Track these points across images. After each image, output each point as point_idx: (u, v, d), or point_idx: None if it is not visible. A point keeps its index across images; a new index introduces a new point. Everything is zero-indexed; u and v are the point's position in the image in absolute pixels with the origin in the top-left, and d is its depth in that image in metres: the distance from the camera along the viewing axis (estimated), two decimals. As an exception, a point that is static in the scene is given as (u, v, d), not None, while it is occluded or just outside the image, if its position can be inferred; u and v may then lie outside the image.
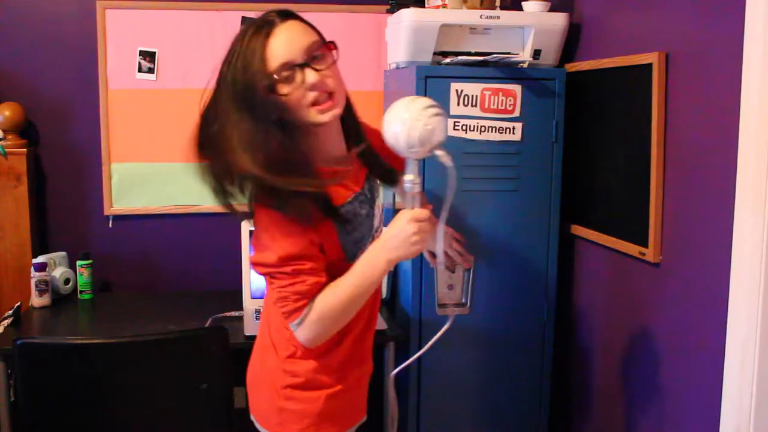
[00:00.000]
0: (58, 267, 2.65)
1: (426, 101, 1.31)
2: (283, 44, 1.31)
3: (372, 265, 1.36)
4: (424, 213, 1.33)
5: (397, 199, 1.39)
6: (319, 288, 1.37)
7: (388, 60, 2.74)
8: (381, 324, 2.34)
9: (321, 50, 1.35)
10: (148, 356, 1.93)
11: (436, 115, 1.30)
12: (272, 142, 1.29)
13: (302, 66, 1.31)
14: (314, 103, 1.33)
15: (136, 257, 2.86)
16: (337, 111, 1.37)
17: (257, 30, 1.32)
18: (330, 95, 1.35)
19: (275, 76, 1.29)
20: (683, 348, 1.91)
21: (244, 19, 2.77)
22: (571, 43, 2.47)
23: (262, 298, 2.53)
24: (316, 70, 1.32)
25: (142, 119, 2.79)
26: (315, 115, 1.34)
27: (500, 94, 2.33)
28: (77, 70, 2.75)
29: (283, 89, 1.30)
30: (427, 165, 2.08)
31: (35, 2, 2.71)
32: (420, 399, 2.42)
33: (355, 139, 1.51)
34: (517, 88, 2.34)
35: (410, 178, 1.34)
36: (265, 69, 1.29)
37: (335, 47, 1.39)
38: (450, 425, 2.46)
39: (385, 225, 1.44)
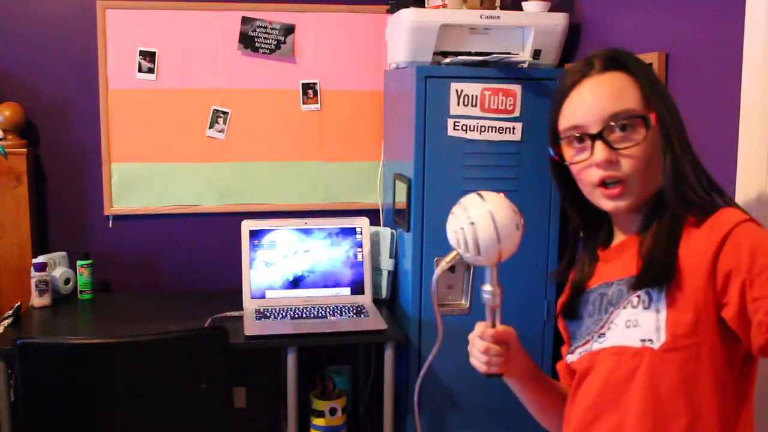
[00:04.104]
0: (58, 267, 2.65)
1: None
2: (581, 103, 1.11)
3: None
4: (488, 333, 1.21)
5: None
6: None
7: (388, 60, 2.74)
8: (381, 324, 2.34)
9: (633, 121, 1.08)
10: (148, 356, 1.93)
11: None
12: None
13: (594, 137, 1.09)
14: (600, 184, 1.11)
15: (136, 257, 2.86)
16: (626, 204, 1.11)
17: (574, 72, 1.14)
18: (621, 182, 1.09)
19: (560, 136, 1.15)
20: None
21: (244, 19, 2.77)
22: (571, 43, 2.47)
23: (262, 297, 2.54)
24: (611, 147, 1.08)
25: (142, 119, 2.78)
26: (598, 197, 1.13)
27: (500, 94, 2.33)
28: (77, 70, 2.75)
29: (567, 153, 1.14)
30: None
31: (35, 2, 2.70)
32: (420, 399, 2.42)
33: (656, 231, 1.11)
34: (517, 88, 2.34)
35: (487, 288, 1.19)
36: (557, 123, 1.15)
37: (658, 120, 1.09)
38: (450, 425, 2.46)
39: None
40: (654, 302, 1.06)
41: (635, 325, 1.08)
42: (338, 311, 2.44)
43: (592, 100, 1.10)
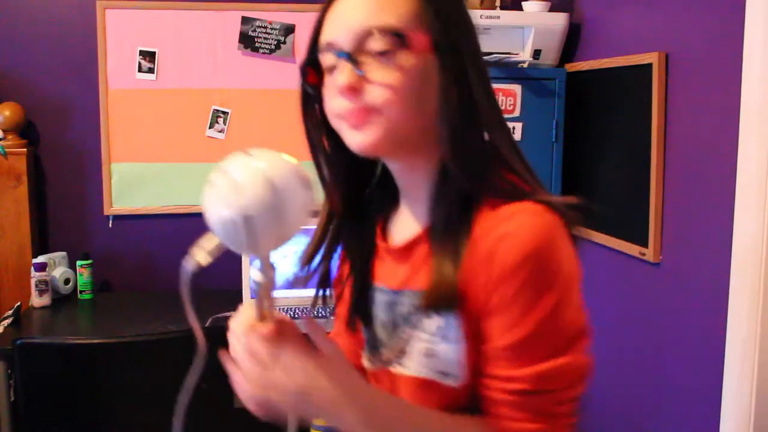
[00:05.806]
0: (58, 267, 2.65)
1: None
2: (340, 13, 0.87)
3: None
4: (258, 330, 0.85)
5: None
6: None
7: (388, 60, 2.74)
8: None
9: (391, 42, 0.82)
10: (148, 356, 1.93)
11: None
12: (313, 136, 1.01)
13: (346, 57, 0.84)
14: (344, 115, 0.87)
15: (136, 257, 2.86)
16: (372, 139, 0.85)
17: None
18: (369, 111, 0.84)
19: (312, 53, 0.91)
20: (683, 347, 1.91)
21: (244, 19, 2.77)
22: (571, 43, 2.47)
23: (262, 298, 2.54)
24: (357, 67, 0.83)
25: (142, 119, 2.79)
26: (344, 132, 0.89)
27: (500, 94, 2.33)
28: (77, 70, 2.75)
29: (313, 77, 0.91)
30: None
31: (35, 2, 2.71)
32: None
33: (446, 223, 0.87)
34: (517, 88, 2.34)
35: (256, 275, 0.85)
36: (315, 39, 0.92)
37: (434, 47, 0.85)
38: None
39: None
40: (453, 331, 0.86)
41: (433, 354, 0.88)
42: (338, 311, 2.44)
43: (352, 10, 0.85)
